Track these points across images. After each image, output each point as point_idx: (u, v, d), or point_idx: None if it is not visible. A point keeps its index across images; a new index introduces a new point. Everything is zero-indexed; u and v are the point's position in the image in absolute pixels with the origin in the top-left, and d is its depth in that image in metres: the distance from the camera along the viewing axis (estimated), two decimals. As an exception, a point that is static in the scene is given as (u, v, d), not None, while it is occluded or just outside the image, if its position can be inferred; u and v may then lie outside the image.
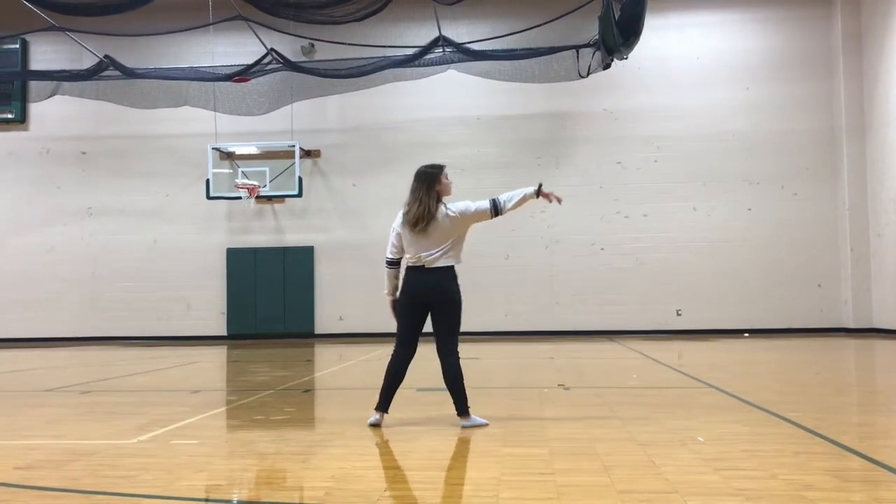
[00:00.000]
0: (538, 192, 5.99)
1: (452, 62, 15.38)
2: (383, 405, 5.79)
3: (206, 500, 3.94)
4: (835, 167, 17.68)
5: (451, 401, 5.76)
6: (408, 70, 15.52)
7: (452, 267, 5.78)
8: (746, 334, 16.94)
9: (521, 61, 15.19)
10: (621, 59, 14.12)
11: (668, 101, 17.93)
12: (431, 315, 5.78)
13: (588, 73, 15.03)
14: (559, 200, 6.00)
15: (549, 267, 18.02)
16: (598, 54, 14.56)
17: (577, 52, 14.82)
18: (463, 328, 5.81)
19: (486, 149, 18.23)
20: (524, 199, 6.07)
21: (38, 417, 6.35)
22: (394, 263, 5.90)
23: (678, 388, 8.04)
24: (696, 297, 17.65)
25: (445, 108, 18.19)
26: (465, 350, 5.76)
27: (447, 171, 6.03)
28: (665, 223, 17.83)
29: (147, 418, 6.33)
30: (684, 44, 18.09)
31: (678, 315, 17.67)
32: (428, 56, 15.00)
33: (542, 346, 14.66)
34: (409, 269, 5.77)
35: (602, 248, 17.95)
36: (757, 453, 4.65)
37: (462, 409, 5.71)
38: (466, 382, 5.82)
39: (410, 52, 15.03)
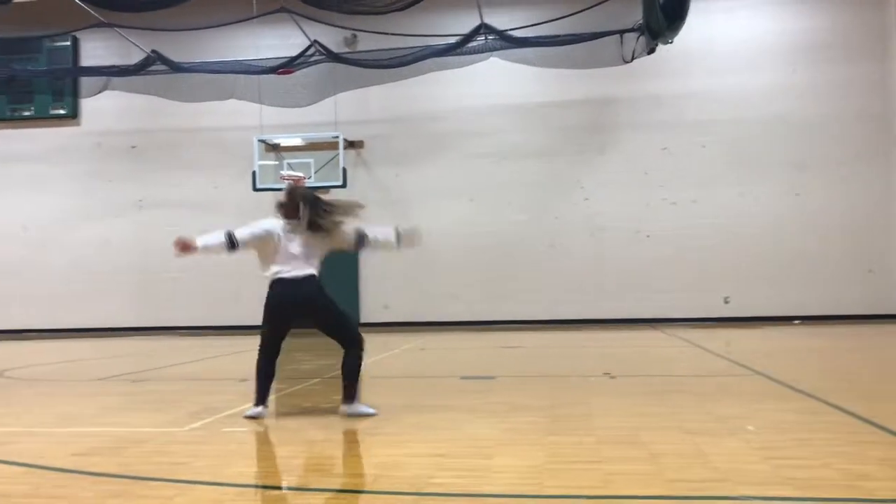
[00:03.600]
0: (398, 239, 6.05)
1: (494, 50, 15.30)
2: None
3: (257, 486, 4.02)
4: (887, 150, 17.20)
5: (496, 389, 5.76)
6: (450, 59, 15.48)
7: None
8: (797, 321, 16.63)
9: (563, 47, 15.05)
10: (666, 43, 13.92)
11: (715, 85, 17.61)
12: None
13: (632, 58, 14.84)
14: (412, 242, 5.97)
15: (594, 255, 17.87)
16: (642, 39, 14.36)
17: (621, 36, 14.63)
18: (505, 317, 5.81)
19: (528, 136, 18.12)
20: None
21: (92, 406, 6.51)
22: None
23: (726, 376, 7.93)
24: (744, 283, 17.35)
25: (487, 96, 18.12)
26: (508, 338, 5.74)
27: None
28: (712, 209, 17.55)
29: (198, 406, 6.45)
30: (731, 26, 17.74)
31: (726, 302, 17.40)
32: (470, 44, 14.94)
33: (586, 335, 14.58)
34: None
35: (647, 236, 17.74)
36: (808, 442, 4.57)
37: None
38: (502, 371, 5.81)
39: (452, 40, 14.99)
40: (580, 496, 3.53)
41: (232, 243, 5.79)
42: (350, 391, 5.81)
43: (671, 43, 13.65)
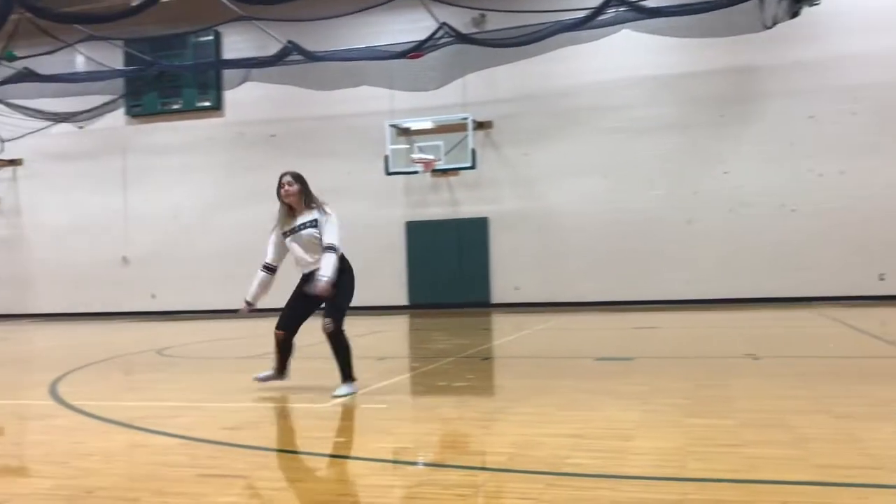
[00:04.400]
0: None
1: (626, 21, 14.86)
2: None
3: (395, 461, 4.11)
4: None
5: (634, 370, 5.65)
6: (580, 33, 15.15)
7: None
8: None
9: (699, 15, 14.43)
10: (812, 5, 13.10)
11: (867, 47, 16.42)
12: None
13: (774, 24, 14.06)
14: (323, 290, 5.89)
15: (735, 231, 17.15)
16: (784, 2, 13.58)
17: (762, 1, 13.88)
18: (641, 297, 5.67)
19: (663, 109, 17.55)
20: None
21: (242, 382, 6.86)
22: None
23: (881, 359, 7.44)
24: (901, 259, 16.18)
25: (620, 69, 17.66)
26: (644, 319, 5.61)
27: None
28: (864, 180, 16.43)
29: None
30: (885, -18, 16.48)
31: (881, 279, 16.30)
32: (601, 17, 14.57)
33: (727, 315, 14.04)
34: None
35: (793, 210, 16.85)
36: (978, 429, 4.23)
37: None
38: (639, 352, 5.67)
39: (583, 14, 14.68)
40: (722, 479, 3.42)
41: (269, 269, 6.36)
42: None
43: (818, 4, 12.82)
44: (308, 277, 6.10)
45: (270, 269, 6.36)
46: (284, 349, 6.31)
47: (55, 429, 5.13)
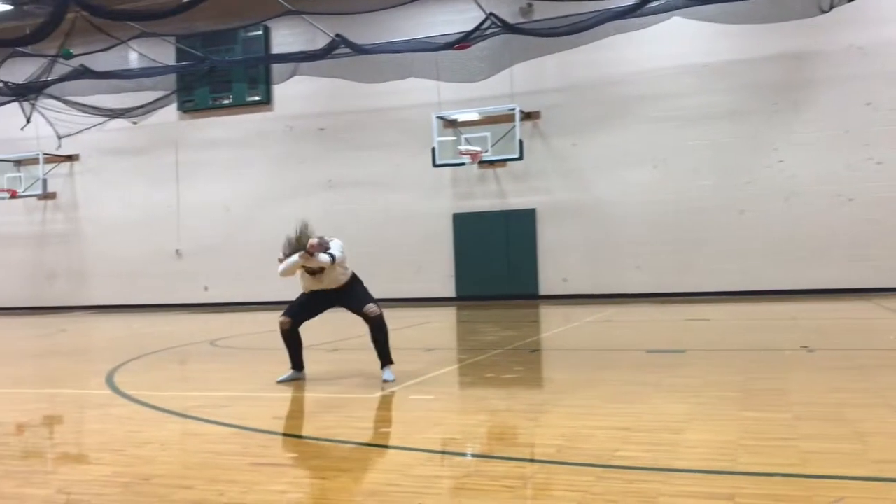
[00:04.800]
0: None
1: (677, 8, 14.60)
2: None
3: (443, 452, 4.12)
4: None
5: (685, 362, 5.58)
6: (629, 21, 14.94)
7: None
8: None
9: (751, 1, 14.12)
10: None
11: (929, 30, 15.89)
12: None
13: (831, 7, 13.67)
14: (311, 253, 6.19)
15: (789, 221, 16.77)
16: (842, -15, 13.19)
17: (819, -16, 13.52)
18: (692, 288, 5.59)
19: (714, 97, 17.22)
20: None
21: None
22: None
23: (944, 351, 7.22)
24: (965, 249, 15.66)
25: (670, 57, 17.38)
26: (696, 311, 5.53)
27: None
28: (925, 168, 15.93)
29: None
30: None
31: (943, 270, 15.80)
32: (650, 4, 14.35)
33: (781, 306, 13.76)
34: None
35: (850, 199, 16.41)
36: None
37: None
38: (691, 344, 5.59)
39: (632, 1, 14.47)
40: (776, 474, 3.35)
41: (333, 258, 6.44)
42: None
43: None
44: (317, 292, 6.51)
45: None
46: (292, 342, 6.51)
47: (112, 418, 5.26)
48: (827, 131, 16.47)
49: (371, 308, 6.29)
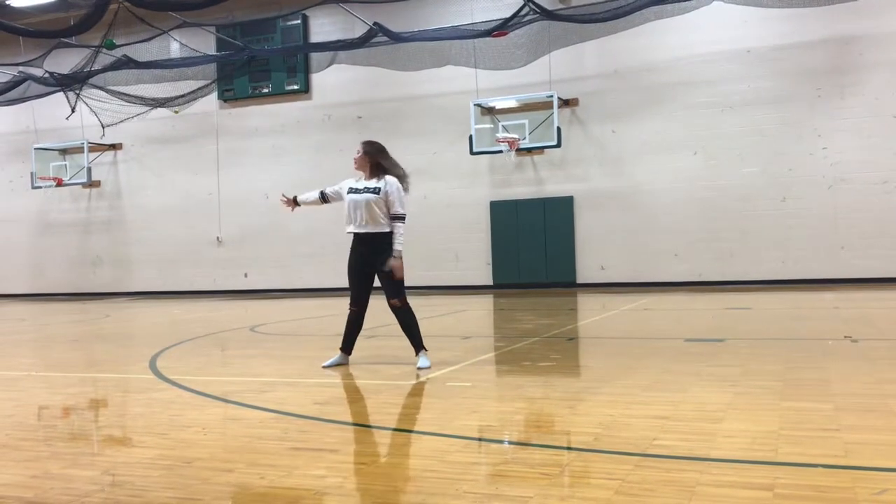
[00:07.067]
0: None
1: (717, -7, 14.38)
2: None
3: (480, 439, 4.14)
4: None
5: (725, 351, 5.52)
6: (669, 6, 14.75)
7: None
8: None
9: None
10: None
11: (981, 12, 15.44)
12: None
13: (878, -10, 13.34)
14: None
15: (833, 208, 16.46)
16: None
17: (864, -34, 13.20)
18: (732, 277, 5.52)
19: (757, 83, 16.93)
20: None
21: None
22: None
23: None
24: None
25: (710, 42, 17.12)
26: (736, 299, 5.47)
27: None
28: (976, 154, 15.51)
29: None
30: None
31: None
32: (690, -10, 14.15)
33: (824, 295, 13.53)
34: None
35: (896, 186, 16.05)
36: None
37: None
38: (731, 333, 5.53)
39: (671, -13, 14.28)
40: (817, 465, 3.31)
41: (323, 197, 6.92)
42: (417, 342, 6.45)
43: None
44: (362, 238, 6.51)
45: (324, 198, 6.96)
46: (357, 326, 6.63)
47: (155, 401, 5.37)
48: (874, 117, 16.10)
49: (393, 302, 6.45)
